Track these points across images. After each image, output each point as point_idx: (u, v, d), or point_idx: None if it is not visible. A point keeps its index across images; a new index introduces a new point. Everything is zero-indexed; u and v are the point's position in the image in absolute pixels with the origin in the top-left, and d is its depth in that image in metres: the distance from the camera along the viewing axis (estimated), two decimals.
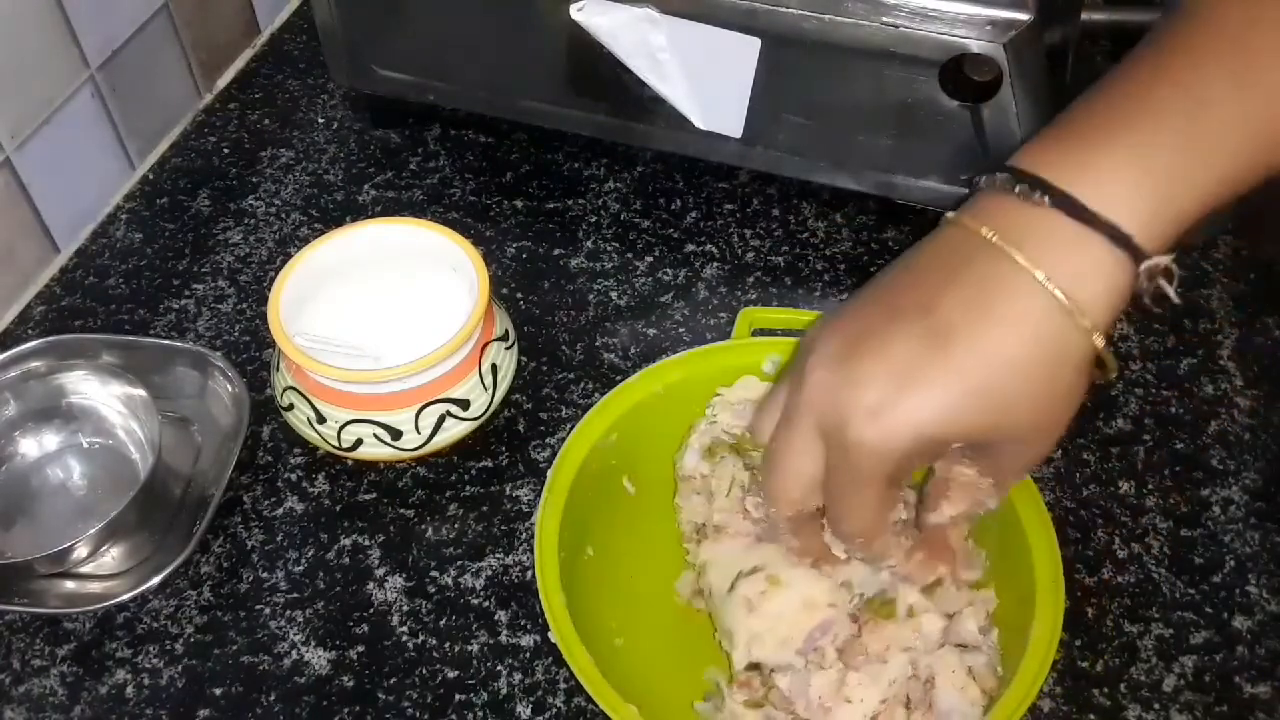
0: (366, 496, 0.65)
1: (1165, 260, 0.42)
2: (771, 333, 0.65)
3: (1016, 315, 0.42)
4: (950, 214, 0.45)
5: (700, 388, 0.59)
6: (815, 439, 0.45)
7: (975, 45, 0.62)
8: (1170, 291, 0.42)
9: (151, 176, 0.83)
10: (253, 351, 0.71)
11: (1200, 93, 0.42)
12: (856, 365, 0.43)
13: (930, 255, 0.45)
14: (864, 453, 0.43)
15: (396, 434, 0.61)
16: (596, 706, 0.50)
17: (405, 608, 0.60)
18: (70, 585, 0.61)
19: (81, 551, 0.59)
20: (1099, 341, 0.42)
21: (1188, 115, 0.42)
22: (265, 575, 0.62)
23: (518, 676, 0.58)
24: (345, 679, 0.58)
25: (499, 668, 0.58)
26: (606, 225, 0.78)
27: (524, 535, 0.63)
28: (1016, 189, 0.42)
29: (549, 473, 0.56)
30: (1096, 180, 0.41)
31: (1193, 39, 0.43)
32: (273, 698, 0.57)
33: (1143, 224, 0.41)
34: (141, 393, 0.63)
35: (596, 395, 0.59)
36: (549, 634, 0.52)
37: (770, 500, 0.48)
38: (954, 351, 0.42)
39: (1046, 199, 0.41)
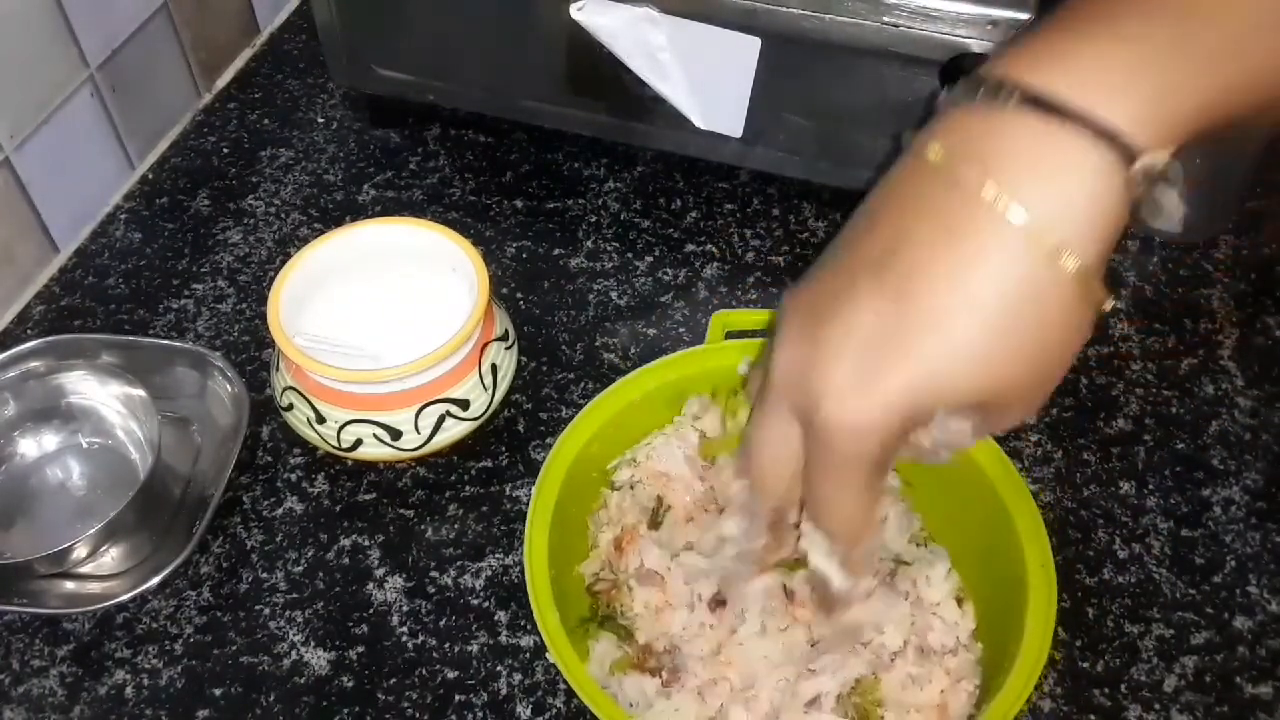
0: (366, 497, 0.65)
1: (1162, 159, 0.36)
2: (745, 335, 0.64)
3: (987, 258, 0.36)
4: (912, 134, 0.39)
5: (675, 393, 0.60)
6: (790, 423, 0.40)
7: (975, 45, 0.62)
8: (1172, 201, 0.36)
9: (151, 176, 0.83)
10: (252, 351, 0.71)
11: None
12: (823, 338, 0.38)
13: (889, 192, 0.39)
14: (842, 436, 0.38)
15: (396, 434, 0.61)
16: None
17: (405, 608, 0.60)
18: (70, 585, 0.61)
19: (81, 552, 0.59)
20: (1087, 277, 0.36)
21: (1185, 8, 0.36)
22: (265, 575, 0.62)
23: (518, 676, 0.58)
24: (345, 679, 0.58)
25: (499, 668, 0.58)
26: (606, 225, 0.78)
27: (523, 535, 0.62)
28: (980, 92, 0.36)
29: (533, 491, 0.56)
30: (1076, 70, 0.35)
31: None
32: (272, 698, 0.57)
33: (1133, 116, 0.35)
34: (141, 393, 0.63)
35: (596, 395, 0.60)
36: (548, 654, 0.51)
37: (753, 491, 0.44)
38: (921, 309, 0.36)
39: (1014, 97, 0.35)
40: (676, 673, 0.54)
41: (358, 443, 0.62)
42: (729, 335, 0.64)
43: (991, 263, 0.36)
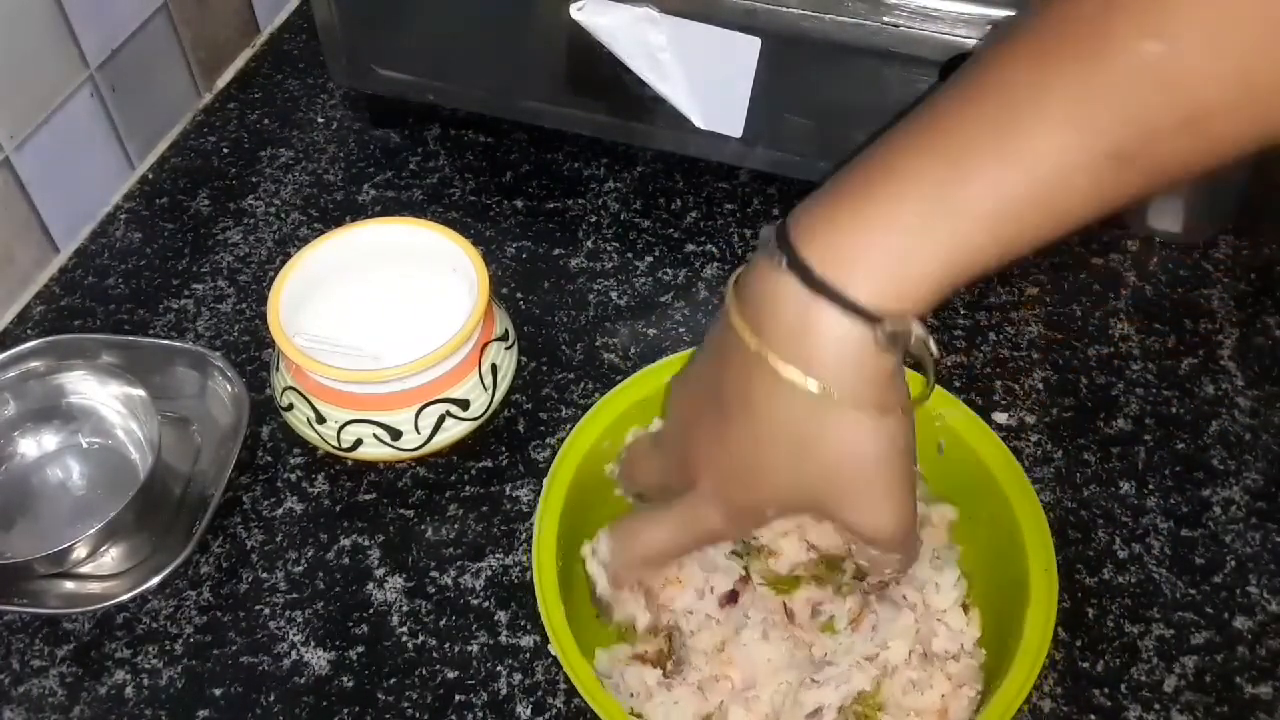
0: (366, 497, 0.65)
1: (904, 324, 0.42)
2: None
3: (772, 407, 0.45)
4: (730, 288, 0.47)
5: None
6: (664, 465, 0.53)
7: (976, 45, 0.62)
8: (930, 348, 0.43)
9: (151, 176, 0.83)
10: (252, 351, 0.71)
11: (956, 157, 0.41)
12: (692, 450, 0.50)
13: (717, 350, 0.48)
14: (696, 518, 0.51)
15: (396, 434, 0.61)
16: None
17: (405, 608, 0.60)
18: (70, 585, 0.61)
19: (81, 552, 0.59)
20: (858, 400, 0.44)
21: (937, 183, 0.41)
22: (265, 575, 0.62)
23: (518, 677, 0.58)
24: (345, 679, 0.58)
25: (499, 668, 0.58)
26: (606, 225, 0.78)
27: (524, 535, 0.63)
28: (772, 247, 0.44)
29: (544, 484, 0.56)
30: (837, 248, 0.42)
31: (970, 89, 0.42)
32: (272, 698, 0.57)
33: (879, 291, 0.42)
34: (141, 393, 0.63)
35: (596, 395, 0.59)
36: (550, 645, 0.52)
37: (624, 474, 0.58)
38: (731, 440, 0.47)
39: (787, 264, 0.43)
40: (679, 665, 0.54)
41: (358, 443, 0.62)
42: None
43: (777, 411, 0.45)
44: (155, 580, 0.59)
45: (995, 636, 0.55)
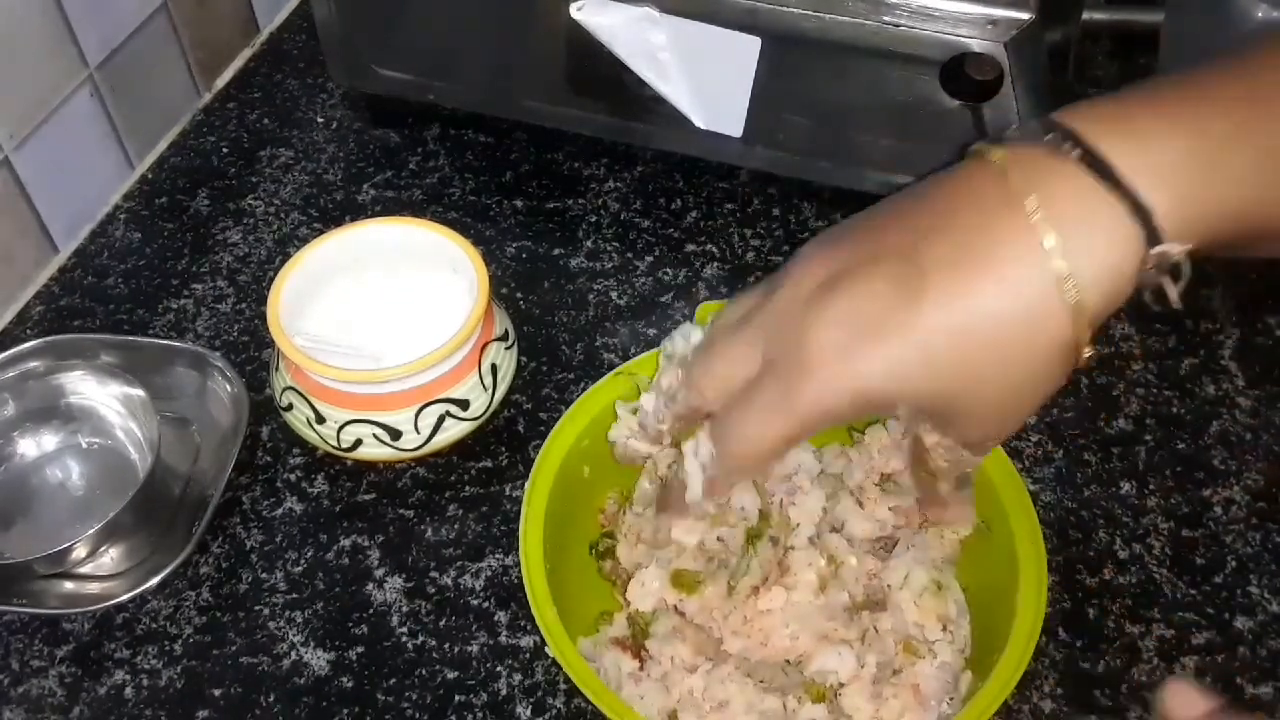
0: (366, 497, 0.65)
1: (1179, 250, 0.38)
2: None
3: (1004, 277, 0.38)
4: (972, 146, 0.41)
5: None
6: (757, 353, 0.42)
7: (976, 44, 0.62)
8: (1173, 293, 0.39)
9: (150, 176, 0.83)
10: (252, 351, 0.71)
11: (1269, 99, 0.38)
12: (828, 300, 0.40)
13: (945, 177, 0.41)
14: (803, 393, 0.40)
15: (396, 434, 0.61)
16: (598, 708, 0.50)
17: (405, 608, 0.60)
18: (69, 586, 0.61)
19: (80, 552, 0.59)
20: (1085, 332, 0.38)
21: (1254, 111, 0.38)
22: (264, 576, 0.62)
23: (518, 677, 0.58)
24: (345, 680, 0.58)
25: (499, 668, 0.58)
26: (606, 225, 0.78)
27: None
28: (1046, 137, 0.38)
29: (525, 488, 0.56)
30: (1134, 143, 0.37)
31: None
32: (272, 699, 0.57)
33: (1170, 205, 0.37)
34: (140, 393, 0.63)
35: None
36: (547, 647, 0.51)
37: (688, 389, 0.46)
38: (923, 307, 0.38)
39: (1075, 152, 0.37)
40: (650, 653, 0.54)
41: (357, 443, 0.62)
42: None
43: (1006, 275, 0.38)
44: (155, 580, 0.59)
45: (981, 610, 0.55)
